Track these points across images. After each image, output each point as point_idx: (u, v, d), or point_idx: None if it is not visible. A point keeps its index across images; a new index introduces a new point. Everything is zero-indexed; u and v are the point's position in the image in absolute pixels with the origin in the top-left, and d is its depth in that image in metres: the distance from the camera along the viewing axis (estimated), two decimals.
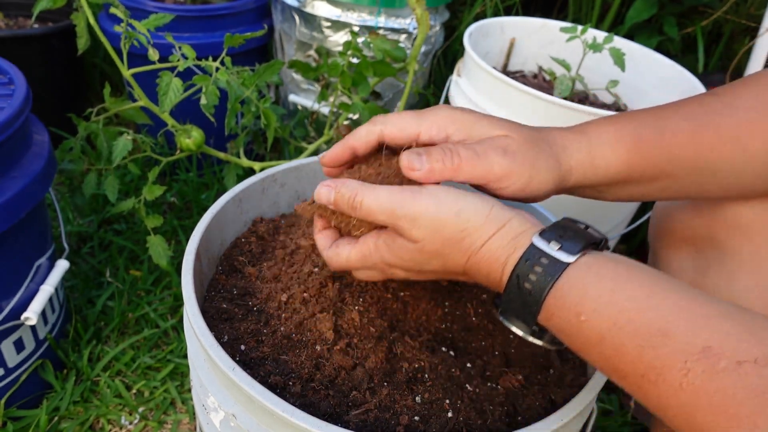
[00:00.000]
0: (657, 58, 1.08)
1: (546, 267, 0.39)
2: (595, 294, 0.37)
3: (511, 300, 0.41)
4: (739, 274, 0.55)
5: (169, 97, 0.83)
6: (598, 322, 0.37)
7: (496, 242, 0.42)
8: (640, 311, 0.36)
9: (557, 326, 0.39)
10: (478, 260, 0.42)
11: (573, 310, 0.38)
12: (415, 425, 0.47)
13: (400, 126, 0.47)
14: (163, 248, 0.93)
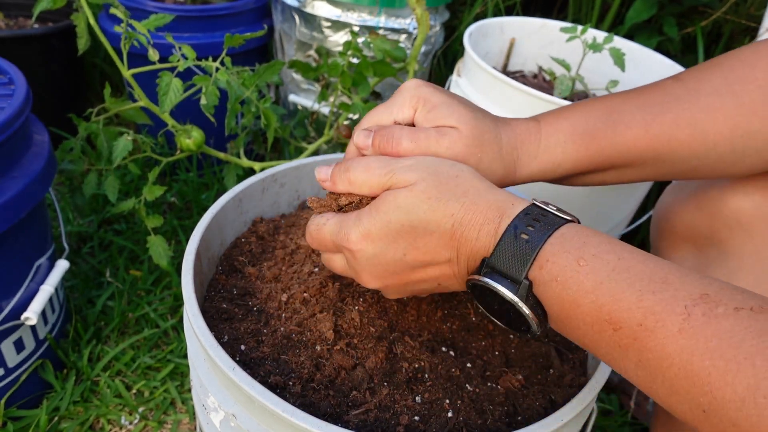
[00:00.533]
0: (657, 58, 1.08)
1: (546, 219, 0.40)
2: (596, 242, 0.38)
3: (503, 252, 0.39)
4: (740, 272, 0.55)
5: (169, 98, 0.83)
6: (598, 266, 0.36)
7: (492, 195, 0.42)
8: (639, 261, 0.36)
9: (550, 273, 0.38)
10: (473, 208, 0.41)
11: (573, 254, 0.37)
12: (415, 425, 0.47)
13: (375, 121, 0.50)
14: (163, 248, 0.93)
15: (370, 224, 0.43)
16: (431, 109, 0.48)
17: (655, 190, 1.24)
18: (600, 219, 1.01)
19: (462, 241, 0.41)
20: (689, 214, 0.60)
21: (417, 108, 0.48)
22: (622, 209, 1.02)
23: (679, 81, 0.49)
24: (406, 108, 0.49)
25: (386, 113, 0.49)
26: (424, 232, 0.42)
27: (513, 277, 0.39)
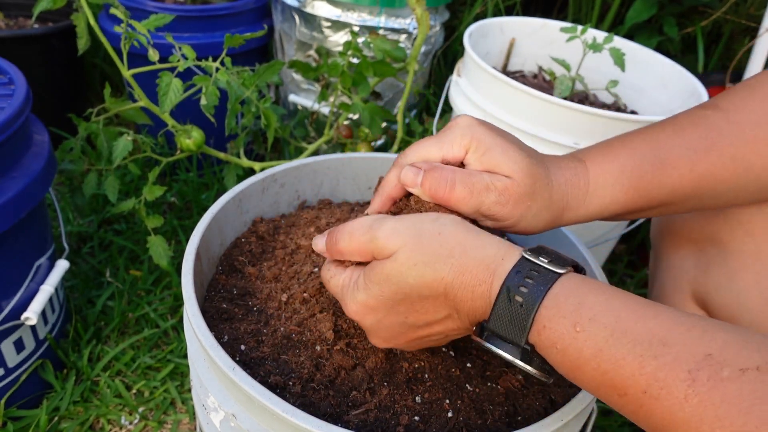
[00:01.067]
0: (657, 58, 1.08)
1: (538, 277, 0.38)
2: (591, 303, 0.36)
3: (500, 316, 0.39)
4: (741, 272, 0.55)
5: (169, 98, 0.83)
6: (596, 331, 0.35)
7: (481, 251, 0.40)
8: (638, 320, 0.35)
9: (549, 339, 0.37)
10: (462, 269, 0.40)
11: (569, 319, 0.36)
12: (415, 425, 0.47)
13: (422, 157, 0.48)
14: (163, 248, 0.93)
15: (365, 296, 0.43)
16: (485, 152, 0.46)
17: None
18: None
19: (458, 302, 0.41)
20: (689, 214, 0.60)
21: (469, 148, 0.47)
22: None
23: (720, 111, 0.49)
24: (456, 146, 0.47)
25: (435, 148, 0.47)
26: (419, 297, 0.42)
27: (514, 342, 0.39)
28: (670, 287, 0.64)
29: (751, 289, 0.55)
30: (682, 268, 0.63)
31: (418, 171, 0.45)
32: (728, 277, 0.57)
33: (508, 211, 0.45)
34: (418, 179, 0.45)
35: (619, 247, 1.32)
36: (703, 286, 0.60)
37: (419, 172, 0.45)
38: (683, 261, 0.62)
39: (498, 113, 0.92)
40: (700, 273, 0.60)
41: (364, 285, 0.44)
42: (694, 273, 0.61)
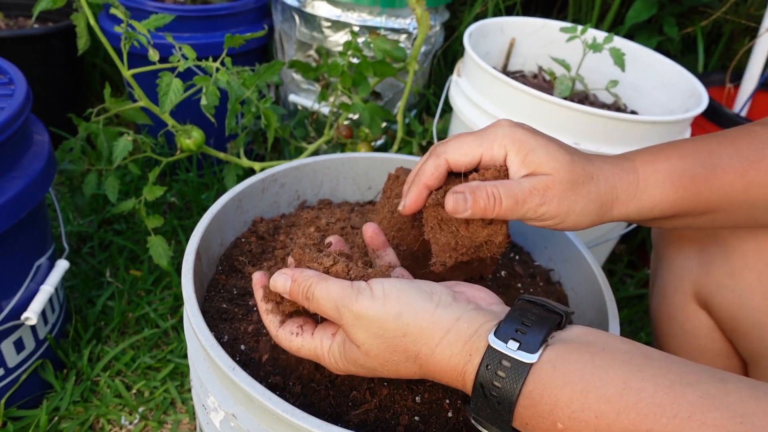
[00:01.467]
0: (657, 58, 1.08)
1: (509, 371, 0.37)
2: (566, 399, 0.35)
3: (481, 408, 0.38)
4: (743, 271, 0.55)
5: (169, 98, 0.83)
6: (578, 428, 0.35)
7: (448, 350, 0.39)
8: (618, 414, 0.34)
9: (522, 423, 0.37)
10: (432, 369, 0.40)
11: (548, 419, 0.36)
12: (415, 425, 0.47)
13: (463, 152, 0.48)
14: (163, 248, 0.93)
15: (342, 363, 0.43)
16: (527, 153, 0.46)
17: None
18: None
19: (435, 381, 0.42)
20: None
21: (509, 150, 0.47)
22: None
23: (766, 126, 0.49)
24: (497, 146, 0.47)
25: (475, 145, 0.47)
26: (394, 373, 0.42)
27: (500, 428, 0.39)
28: (672, 286, 0.64)
29: (754, 288, 0.55)
30: (683, 267, 0.63)
31: (465, 197, 0.45)
32: (730, 276, 0.57)
33: (554, 210, 0.45)
34: (468, 204, 0.45)
35: (619, 247, 1.32)
36: (705, 285, 0.60)
37: (467, 198, 0.45)
38: (685, 260, 0.62)
39: (498, 113, 0.92)
40: (703, 272, 0.60)
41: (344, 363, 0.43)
42: (696, 272, 0.61)
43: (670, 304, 0.65)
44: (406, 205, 0.49)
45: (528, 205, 0.45)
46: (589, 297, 0.61)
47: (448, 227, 0.48)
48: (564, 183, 0.45)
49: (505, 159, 0.47)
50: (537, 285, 0.66)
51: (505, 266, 0.68)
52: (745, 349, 0.58)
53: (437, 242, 0.49)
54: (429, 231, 0.49)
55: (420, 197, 0.49)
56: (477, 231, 0.47)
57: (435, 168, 0.48)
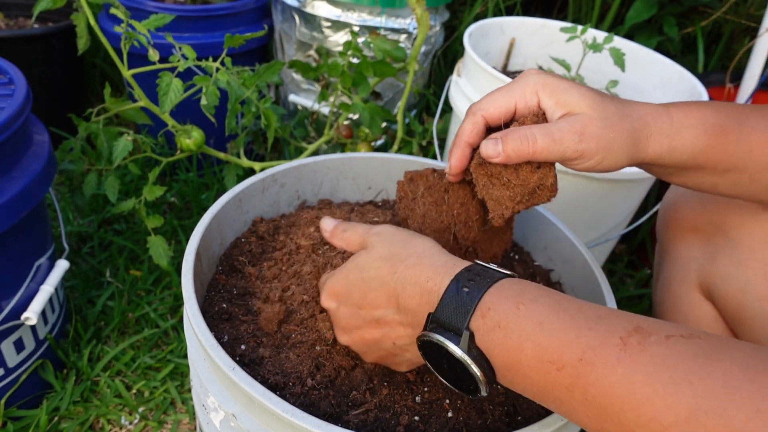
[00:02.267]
0: (657, 58, 1.08)
1: (486, 274, 0.41)
2: (532, 289, 0.40)
3: (446, 306, 0.40)
4: (749, 262, 0.56)
5: (169, 98, 0.83)
6: (536, 308, 0.38)
7: (439, 258, 0.44)
8: (575, 303, 0.38)
9: (493, 320, 0.38)
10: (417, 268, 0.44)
11: (512, 300, 0.38)
12: (415, 425, 0.47)
13: (497, 104, 0.49)
14: (163, 248, 0.93)
15: (333, 282, 0.49)
16: (559, 93, 0.47)
17: (655, 191, 1.24)
18: (600, 219, 1.01)
19: (405, 297, 0.43)
20: (698, 203, 0.60)
21: (542, 95, 0.48)
22: (622, 209, 1.02)
23: None
24: (528, 94, 0.48)
25: (507, 98, 0.48)
26: (372, 287, 0.45)
27: (455, 328, 0.39)
28: (677, 277, 0.64)
29: (759, 278, 0.55)
30: (689, 258, 0.63)
31: (497, 140, 0.46)
32: (736, 266, 0.57)
33: (594, 147, 0.46)
34: (499, 147, 0.46)
35: (619, 247, 1.32)
36: (710, 275, 0.60)
37: (497, 141, 0.46)
38: (690, 250, 0.63)
39: None
40: (708, 262, 0.60)
41: (337, 272, 0.49)
42: (701, 262, 0.61)
43: (674, 295, 0.65)
44: (452, 165, 0.51)
45: (566, 143, 0.45)
46: (589, 297, 0.61)
47: (500, 180, 0.49)
48: (600, 120, 0.46)
49: (538, 104, 0.48)
50: None
51: (505, 266, 0.68)
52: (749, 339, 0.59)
53: (491, 197, 0.50)
54: (481, 189, 0.50)
55: (464, 156, 0.50)
56: (527, 176, 0.48)
57: (473, 125, 0.49)
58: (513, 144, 0.46)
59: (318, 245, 0.64)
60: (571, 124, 0.46)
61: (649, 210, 1.10)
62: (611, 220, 1.03)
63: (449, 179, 0.53)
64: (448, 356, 0.40)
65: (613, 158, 0.47)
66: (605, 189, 0.96)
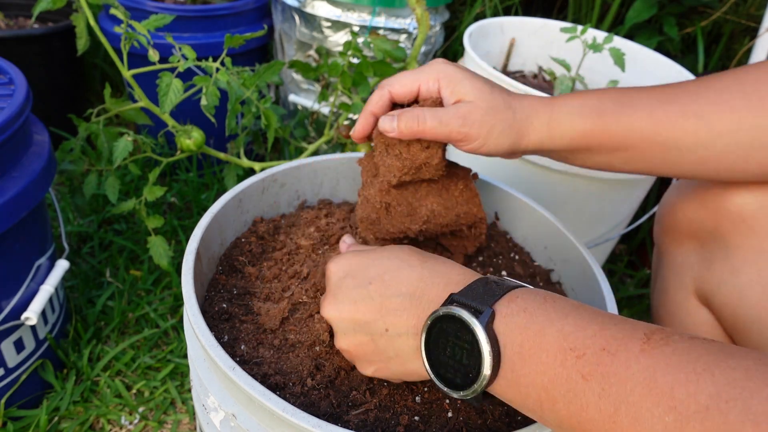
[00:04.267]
0: (657, 58, 1.08)
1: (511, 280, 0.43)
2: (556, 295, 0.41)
3: (472, 289, 0.41)
4: (743, 268, 0.56)
5: (169, 98, 0.83)
6: (563, 304, 0.39)
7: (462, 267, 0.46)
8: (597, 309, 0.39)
9: (519, 306, 0.39)
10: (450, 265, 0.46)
11: (540, 295, 0.40)
12: (415, 425, 0.47)
13: (402, 83, 0.55)
14: (163, 248, 0.93)
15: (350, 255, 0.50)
16: (455, 84, 0.53)
17: (655, 191, 1.24)
18: (600, 219, 1.01)
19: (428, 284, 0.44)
20: (693, 210, 0.60)
21: (441, 83, 0.53)
22: (622, 209, 1.02)
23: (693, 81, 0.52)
24: (431, 80, 0.54)
25: (412, 80, 0.54)
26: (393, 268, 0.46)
27: (476, 308, 0.39)
28: (673, 283, 0.64)
29: (754, 285, 0.55)
30: (685, 264, 0.63)
31: (393, 117, 0.53)
32: (731, 272, 0.57)
33: (475, 131, 0.51)
34: (394, 123, 0.52)
35: (619, 247, 1.32)
36: (707, 282, 0.60)
37: (393, 117, 0.52)
38: (686, 257, 0.63)
39: None
40: (704, 269, 0.60)
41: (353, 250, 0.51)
42: (697, 269, 0.61)
43: (671, 301, 0.65)
44: (356, 130, 0.57)
45: (451, 126, 0.51)
46: (589, 297, 0.61)
47: (393, 151, 0.55)
48: (484, 108, 0.52)
49: (438, 91, 0.54)
50: (537, 285, 0.66)
51: (505, 266, 0.68)
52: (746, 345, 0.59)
53: (384, 164, 0.56)
54: (378, 155, 0.56)
55: (367, 123, 0.56)
56: (417, 153, 0.54)
57: (379, 97, 0.55)
58: (406, 122, 0.52)
59: (318, 245, 0.64)
60: (457, 109, 0.52)
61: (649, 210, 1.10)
62: (611, 220, 1.03)
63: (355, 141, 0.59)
64: (457, 335, 0.39)
65: (494, 143, 0.52)
66: (605, 189, 0.96)
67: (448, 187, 0.61)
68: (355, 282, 0.47)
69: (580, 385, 0.35)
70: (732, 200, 0.56)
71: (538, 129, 0.53)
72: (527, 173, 0.96)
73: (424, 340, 0.42)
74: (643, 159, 0.52)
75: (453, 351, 0.40)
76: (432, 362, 0.42)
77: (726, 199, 0.56)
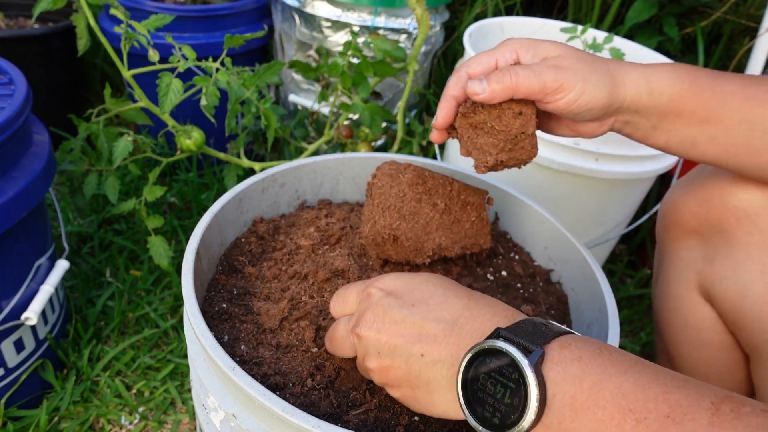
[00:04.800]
0: (657, 58, 1.08)
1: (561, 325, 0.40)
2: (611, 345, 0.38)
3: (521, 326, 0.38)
4: (746, 264, 0.56)
5: (169, 99, 0.83)
6: (621, 358, 0.36)
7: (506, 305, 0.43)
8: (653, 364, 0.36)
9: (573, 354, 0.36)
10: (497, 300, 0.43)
11: (595, 344, 0.37)
12: (415, 425, 0.47)
13: (479, 61, 0.52)
14: (164, 249, 0.93)
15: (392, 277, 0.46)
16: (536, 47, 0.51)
17: (655, 191, 1.24)
18: (600, 219, 1.01)
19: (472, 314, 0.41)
20: (697, 205, 0.60)
21: (520, 52, 0.51)
22: (622, 209, 1.02)
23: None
24: (507, 53, 0.51)
25: (489, 57, 0.52)
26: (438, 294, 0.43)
27: (526, 346, 0.36)
28: (676, 278, 0.64)
29: (756, 280, 0.55)
30: (688, 259, 0.63)
31: (482, 79, 0.49)
32: (733, 268, 0.57)
33: (571, 78, 0.48)
34: (485, 83, 0.49)
35: (619, 247, 1.32)
36: (709, 276, 0.60)
37: (482, 79, 0.49)
38: (689, 252, 0.63)
39: None
40: (707, 264, 0.60)
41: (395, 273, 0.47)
42: (700, 264, 0.61)
43: (673, 296, 0.65)
44: (438, 118, 0.53)
45: (545, 75, 0.48)
46: (589, 297, 0.61)
47: (483, 129, 0.51)
48: (574, 57, 0.49)
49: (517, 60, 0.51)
50: (537, 285, 0.66)
51: (505, 266, 0.68)
52: (747, 342, 0.59)
53: (476, 146, 0.52)
54: (466, 141, 0.52)
55: (450, 108, 0.53)
56: (510, 122, 0.50)
57: (457, 80, 0.52)
58: (497, 78, 0.48)
59: (318, 245, 0.64)
60: (547, 61, 0.50)
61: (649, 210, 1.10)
62: (611, 220, 1.03)
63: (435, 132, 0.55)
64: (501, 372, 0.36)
65: (590, 92, 0.49)
66: (605, 189, 0.96)
67: (460, 219, 0.59)
68: (399, 302, 0.43)
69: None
70: (737, 196, 0.56)
71: (635, 81, 0.50)
72: (527, 173, 0.96)
73: (462, 371, 0.38)
74: (729, 137, 0.51)
75: (495, 389, 0.37)
76: (468, 397, 0.38)
77: (731, 196, 0.56)
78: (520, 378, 0.35)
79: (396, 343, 0.42)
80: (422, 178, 0.58)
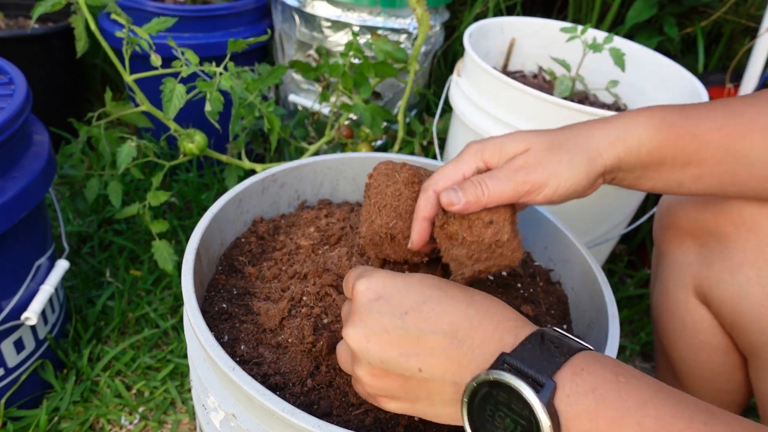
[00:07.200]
0: (657, 58, 1.08)
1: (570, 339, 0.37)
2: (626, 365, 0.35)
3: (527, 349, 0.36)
4: (743, 268, 0.56)
5: (173, 104, 0.82)
6: (641, 385, 0.33)
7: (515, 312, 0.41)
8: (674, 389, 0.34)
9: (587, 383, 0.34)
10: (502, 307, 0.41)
11: (611, 369, 0.34)
12: (415, 425, 0.47)
13: (445, 178, 0.50)
14: (168, 253, 0.93)
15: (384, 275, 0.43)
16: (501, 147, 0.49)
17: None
18: (600, 219, 1.01)
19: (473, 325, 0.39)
20: (694, 209, 0.60)
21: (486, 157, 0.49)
22: (622, 209, 1.02)
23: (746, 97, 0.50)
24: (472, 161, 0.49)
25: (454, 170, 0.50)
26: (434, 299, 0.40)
27: (534, 378, 0.34)
28: (673, 282, 0.64)
29: (753, 284, 0.55)
30: (685, 263, 0.63)
31: (456, 189, 0.47)
32: (730, 271, 0.57)
33: (542, 175, 0.46)
34: (459, 194, 0.47)
35: (619, 247, 1.32)
36: (706, 280, 0.60)
37: (456, 189, 0.47)
38: (686, 255, 0.63)
39: (498, 113, 0.92)
40: (703, 267, 0.60)
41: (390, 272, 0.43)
42: (697, 267, 0.61)
43: (671, 299, 0.65)
44: (414, 241, 0.51)
45: (515, 180, 0.46)
46: (589, 297, 0.61)
47: (457, 240, 0.49)
48: (541, 150, 0.47)
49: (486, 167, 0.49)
50: (537, 285, 0.66)
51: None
52: (745, 344, 0.59)
53: (452, 258, 0.50)
54: (444, 252, 0.51)
55: (423, 229, 0.50)
56: (481, 232, 0.48)
57: (426, 201, 0.50)
58: (469, 191, 0.46)
59: (318, 245, 0.64)
60: (513, 162, 0.47)
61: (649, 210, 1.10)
62: (611, 220, 1.03)
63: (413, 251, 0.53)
64: (510, 407, 0.34)
65: (567, 179, 0.47)
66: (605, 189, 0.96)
67: None
68: (389, 308, 0.40)
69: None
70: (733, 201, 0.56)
71: (610, 146, 0.48)
72: None
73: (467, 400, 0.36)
74: (713, 175, 0.50)
75: (504, 423, 0.35)
76: (475, 425, 0.37)
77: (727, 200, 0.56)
78: (531, 416, 0.33)
79: (389, 356, 0.39)
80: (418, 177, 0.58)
